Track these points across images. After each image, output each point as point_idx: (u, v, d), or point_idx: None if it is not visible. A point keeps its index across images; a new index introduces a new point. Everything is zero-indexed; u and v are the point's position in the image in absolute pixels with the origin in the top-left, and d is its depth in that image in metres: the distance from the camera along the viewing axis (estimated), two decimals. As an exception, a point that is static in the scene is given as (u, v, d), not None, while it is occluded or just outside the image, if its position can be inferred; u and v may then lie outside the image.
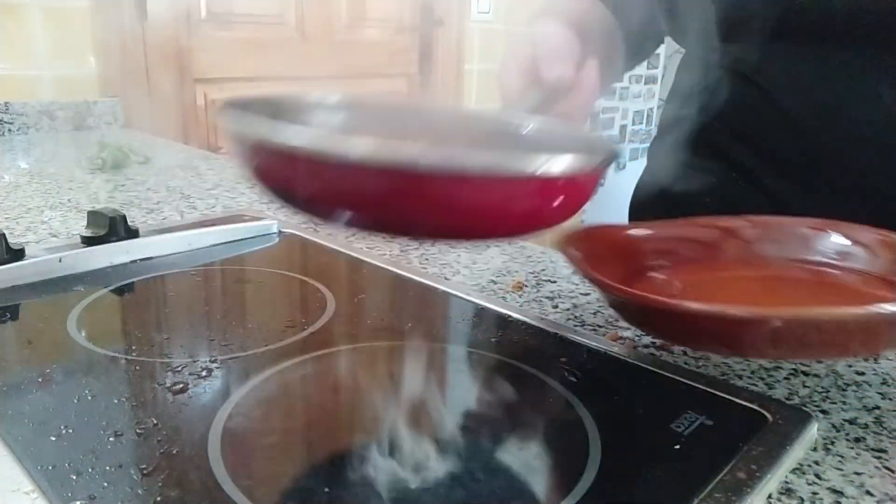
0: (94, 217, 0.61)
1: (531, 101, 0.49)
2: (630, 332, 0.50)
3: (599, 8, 0.64)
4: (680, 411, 0.38)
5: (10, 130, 1.33)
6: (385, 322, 0.50)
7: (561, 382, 0.41)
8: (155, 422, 0.35)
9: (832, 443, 0.37)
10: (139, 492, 0.30)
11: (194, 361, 0.42)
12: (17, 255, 0.54)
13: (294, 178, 0.30)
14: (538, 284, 0.59)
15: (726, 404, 0.39)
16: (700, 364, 0.45)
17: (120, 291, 0.54)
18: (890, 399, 0.42)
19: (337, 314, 0.50)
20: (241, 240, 0.67)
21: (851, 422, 0.39)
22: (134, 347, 0.44)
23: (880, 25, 0.49)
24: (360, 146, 0.27)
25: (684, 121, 0.69)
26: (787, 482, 0.33)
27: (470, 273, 0.62)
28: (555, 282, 0.60)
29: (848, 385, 0.43)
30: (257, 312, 0.51)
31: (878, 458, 0.36)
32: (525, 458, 0.34)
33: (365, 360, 0.44)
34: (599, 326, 0.51)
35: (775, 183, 0.58)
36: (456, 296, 0.54)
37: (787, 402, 0.41)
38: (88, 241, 0.59)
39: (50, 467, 0.31)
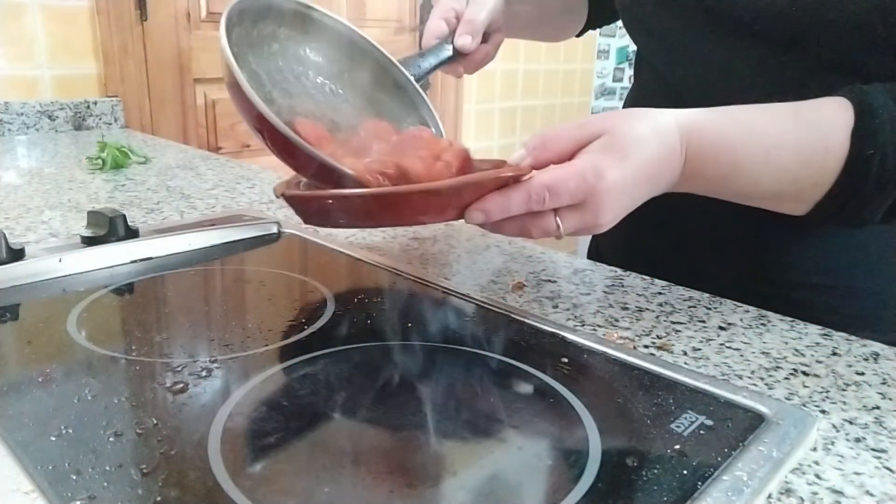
0: (94, 217, 0.61)
1: (441, 50, 0.68)
2: (630, 332, 0.50)
3: None
4: (680, 411, 0.38)
5: (10, 130, 1.33)
6: (385, 322, 0.50)
7: (561, 382, 0.41)
8: (155, 422, 0.35)
9: (832, 443, 0.37)
10: (139, 492, 0.30)
11: (194, 361, 0.42)
12: (17, 255, 0.54)
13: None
14: (538, 284, 0.59)
15: (726, 404, 0.39)
16: (700, 364, 0.45)
17: (120, 291, 0.54)
18: (890, 399, 0.42)
19: (337, 314, 0.50)
20: (241, 240, 0.67)
21: (851, 422, 0.39)
22: (134, 347, 0.44)
23: (755, 24, 0.53)
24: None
25: (631, 104, 0.75)
26: (787, 482, 0.33)
27: (470, 273, 0.62)
28: (555, 282, 0.60)
29: (848, 385, 0.43)
30: (257, 312, 0.51)
31: (878, 458, 0.36)
32: (525, 458, 0.34)
33: (365, 361, 0.44)
34: (599, 326, 0.51)
35: None
36: (456, 296, 0.54)
37: (787, 402, 0.41)
38: (88, 241, 0.59)
39: (50, 467, 0.31)
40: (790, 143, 0.47)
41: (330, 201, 0.46)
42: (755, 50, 0.54)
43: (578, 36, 0.85)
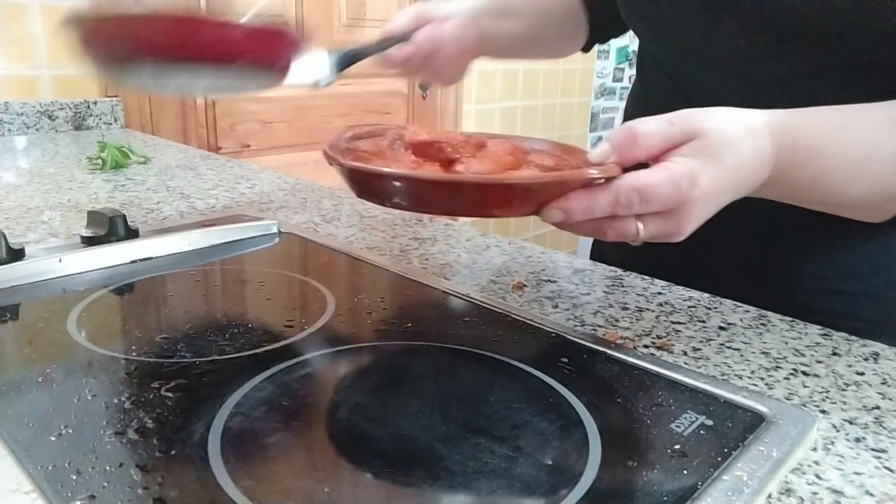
0: (94, 217, 0.61)
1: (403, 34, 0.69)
2: (630, 332, 0.50)
3: None
4: (680, 411, 0.38)
5: (10, 130, 1.33)
6: (385, 322, 0.50)
7: (561, 382, 0.41)
8: (155, 422, 0.35)
9: (832, 443, 0.37)
10: (139, 492, 0.30)
11: (194, 361, 0.42)
12: (17, 255, 0.54)
13: None
14: (538, 284, 0.59)
15: (726, 404, 0.39)
16: (700, 364, 0.45)
17: (120, 291, 0.54)
18: (890, 399, 0.42)
19: (337, 314, 0.50)
20: (241, 240, 0.67)
21: (851, 422, 0.39)
22: (134, 347, 0.44)
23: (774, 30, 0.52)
24: None
25: (633, 107, 0.74)
26: (787, 482, 0.33)
27: (470, 273, 0.62)
28: (555, 282, 0.60)
29: (848, 385, 0.43)
30: (257, 312, 0.51)
31: (878, 458, 0.36)
32: (525, 458, 0.34)
33: (365, 361, 0.44)
34: (599, 326, 0.51)
35: None
36: (456, 296, 0.54)
37: (787, 402, 0.41)
38: (88, 241, 0.59)
39: (50, 467, 0.31)
40: (887, 152, 0.44)
41: (398, 183, 0.41)
42: (771, 47, 0.53)
43: (585, 51, 0.80)
